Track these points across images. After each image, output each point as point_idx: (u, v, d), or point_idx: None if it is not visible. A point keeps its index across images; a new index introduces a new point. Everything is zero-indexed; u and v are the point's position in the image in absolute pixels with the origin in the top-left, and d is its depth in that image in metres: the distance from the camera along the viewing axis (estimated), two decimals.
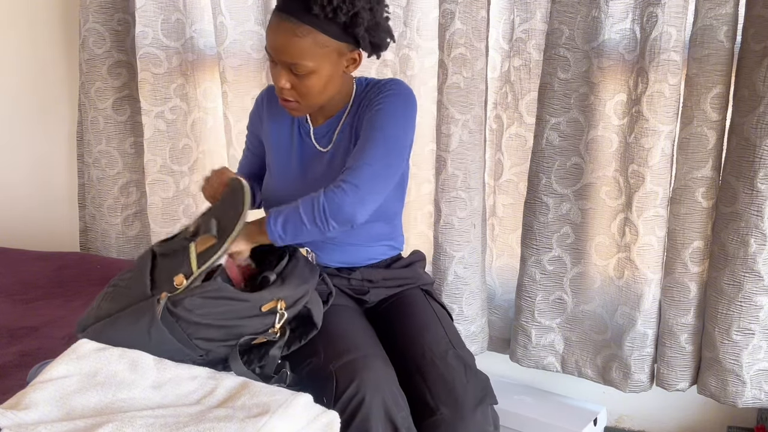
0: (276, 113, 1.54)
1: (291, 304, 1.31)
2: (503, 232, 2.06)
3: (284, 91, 1.37)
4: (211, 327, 1.24)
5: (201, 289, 1.24)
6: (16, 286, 1.87)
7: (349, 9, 1.30)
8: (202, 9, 2.19)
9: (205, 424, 1.03)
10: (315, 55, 1.33)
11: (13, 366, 1.39)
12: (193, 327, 1.23)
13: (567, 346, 1.96)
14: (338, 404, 1.24)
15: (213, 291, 1.24)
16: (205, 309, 1.22)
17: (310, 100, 1.40)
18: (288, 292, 1.30)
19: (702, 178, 1.71)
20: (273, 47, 1.34)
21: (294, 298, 1.32)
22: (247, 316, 1.26)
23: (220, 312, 1.24)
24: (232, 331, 1.26)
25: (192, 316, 1.22)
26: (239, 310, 1.25)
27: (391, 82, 1.45)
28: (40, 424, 1.01)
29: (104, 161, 2.24)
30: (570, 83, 1.78)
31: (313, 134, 1.51)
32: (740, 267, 1.66)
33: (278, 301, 1.28)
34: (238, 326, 1.26)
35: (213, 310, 1.23)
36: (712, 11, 1.62)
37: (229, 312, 1.24)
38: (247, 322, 1.26)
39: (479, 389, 1.36)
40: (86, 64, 2.19)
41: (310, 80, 1.35)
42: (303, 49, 1.31)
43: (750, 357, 1.70)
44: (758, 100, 1.57)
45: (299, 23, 1.30)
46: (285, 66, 1.35)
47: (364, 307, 1.57)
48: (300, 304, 1.33)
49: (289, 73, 1.35)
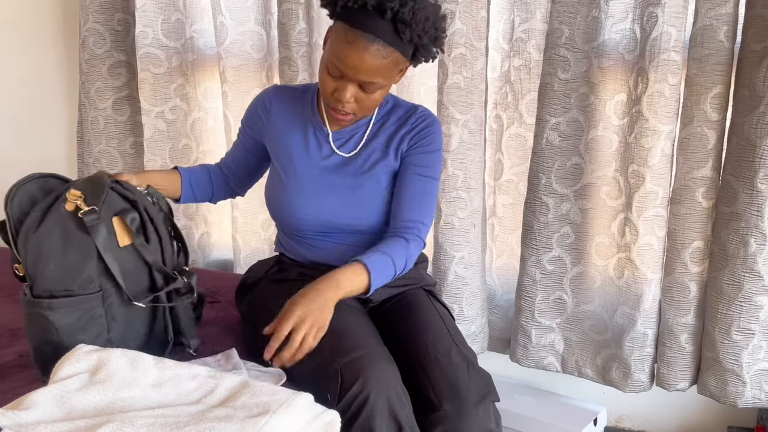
0: (286, 115, 1.54)
1: (90, 196, 1.25)
2: (503, 232, 2.06)
3: (347, 106, 1.38)
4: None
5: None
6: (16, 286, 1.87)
7: (433, 33, 1.33)
8: (202, 9, 2.19)
9: (205, 423, 1.03)
10: (390, 73, 1.35)
11: (13, 366, 1.39)
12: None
13: (567, 346, 1.96)
14: (343, 402, 1.24)
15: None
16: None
17: (369, 112, 1.44)
18: (76, 185, 1.26)
19: (702, 178, 1.71)
20: (353, 66, 1.31)
21: (90, 191, 1.26)
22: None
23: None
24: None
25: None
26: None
27: (431, 116, 1.51)
28: (41, 424, 1.01)
29: (104, 161, 2.24)
30: (570, 83, 1.78)
31: (332, 139, 1.51)
32: (740, 267, 1.66)
33: (68, 193, 1.24)
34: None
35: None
36: (712, 11, 1.62)
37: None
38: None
39: (482, 386, 1.37)
40: (86, 64, 2.19)
41: (376, 94, 1.38)
42: (384, 68, 1.32)
43: (750, 357, 1.70)
44: (758, 100, 1.57)
45: (386, 45, 1.30)
46: (355, 82, 1.35)
47: (368, 307, 1.57)
48: (101, 197, 1.25)
49: (356, 89, 1.36)
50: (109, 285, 1.26)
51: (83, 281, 1.23)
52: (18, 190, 1.27)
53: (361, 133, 1.51)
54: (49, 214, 1.24)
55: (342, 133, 1.51)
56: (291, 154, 1.53)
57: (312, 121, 1.53)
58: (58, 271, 1.22)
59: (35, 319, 1.24)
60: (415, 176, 1.49)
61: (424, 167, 1.49)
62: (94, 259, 1.24)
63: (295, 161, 1.52)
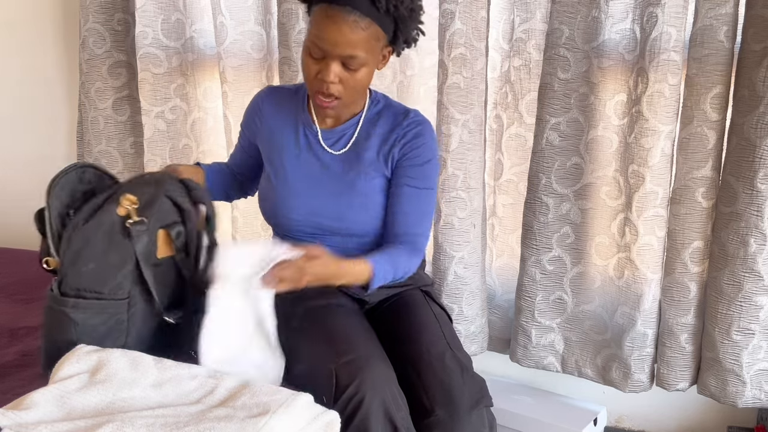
0: (277, 116, 1.54)
1: (144, 205, 1.24)
2: (503, 232, 2.06)
3: (332, 86, 1.36)
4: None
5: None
6: (16, 286, 1.87)
7: (409, 4, 1.35)
8: (202, 9, 2.19)
9: (205, 423, 1.03)
10: (370, 47, 1.35)
11: (13, 366, 1.39)
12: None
13: (567, 346, 1.96)
14: (338, 404, 1.24)
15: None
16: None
17: (353, 96, 1.42)
18: (133, 189, 1.25)
19: (702, 178, 1.71)
20: (331, 40, 1.32)
21: (145, 198, 1.25)
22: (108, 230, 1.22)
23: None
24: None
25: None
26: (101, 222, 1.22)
27: (423, 122, 1.50)
28: (41, 424, 1.01)
29: (104, 161, 2.23)
30: (570, 83, 1.78)
31: (321, 137, 1.51)
32: (740, 267, 1.66)
33: (123, 197, 1.22)
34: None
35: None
36: (712, 11, 1.62)
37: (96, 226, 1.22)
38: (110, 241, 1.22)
39: (475, 391, 1.37)
40: (86, 64, 2.19)
41: (360, 73, 1.37)
42: (363, 40, 1.33)
43: (750, 357, 1.70)
44: (758, 100, 1.57)
45: (363, 16, 1.31)
46: (337, 60, 1.34)
47: (365, 308, 1.57)
48: (155, 206, 1.25)
49: (339, 67, 1.35)
50: (138, 293, 1.25)
51: (114, 287, 1.22)
52: (60, 180, 1.25)
53: (351, 132, 1.50)
54: (100, 213, 1.23)
55: (332, 132, 1.51)
56: (281, 153, 1.52)
57: (302, 120, 1.53)
58: (94, 273, 1.21)
59: (56, 317, 1.22)
60: (412, 189, 1.48)
61: (418, 179, 1.48)
62: (130, 267, 1.23)
63: (284, 161, 1.52)
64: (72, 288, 1.21)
